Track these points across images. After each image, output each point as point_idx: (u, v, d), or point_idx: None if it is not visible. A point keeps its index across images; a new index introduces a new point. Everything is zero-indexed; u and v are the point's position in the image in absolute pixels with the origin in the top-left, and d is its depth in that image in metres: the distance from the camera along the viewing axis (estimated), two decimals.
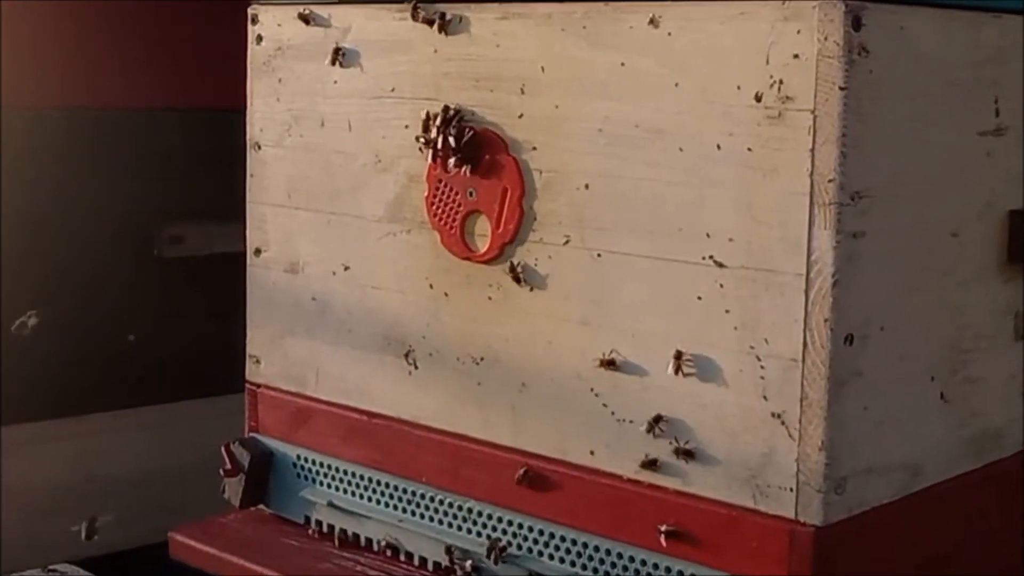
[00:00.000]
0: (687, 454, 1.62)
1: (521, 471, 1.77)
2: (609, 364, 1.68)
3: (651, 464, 1.65)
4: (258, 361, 2.14)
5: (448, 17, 1.82)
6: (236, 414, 2.20)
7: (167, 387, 2.79)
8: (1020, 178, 1.78)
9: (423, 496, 1.90)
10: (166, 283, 2.78)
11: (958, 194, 1.69)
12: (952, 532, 1.75)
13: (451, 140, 1.80)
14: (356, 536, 1.97)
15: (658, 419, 1.66)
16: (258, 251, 2.13)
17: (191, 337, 2.81)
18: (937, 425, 1.70)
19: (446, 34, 1.83)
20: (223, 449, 2.11)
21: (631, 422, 1.68)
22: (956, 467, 1.74)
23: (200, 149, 2.81)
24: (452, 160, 1.80)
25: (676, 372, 1.63)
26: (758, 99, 1.54)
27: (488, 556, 1.78)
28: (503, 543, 1.78)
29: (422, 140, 1.84)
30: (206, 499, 2.16)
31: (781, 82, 1.53)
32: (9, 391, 2.54)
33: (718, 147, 1.59)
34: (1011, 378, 1.83)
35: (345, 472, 2.01)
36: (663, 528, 1.64)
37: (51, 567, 2.10)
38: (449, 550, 1.84)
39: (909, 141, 1.59)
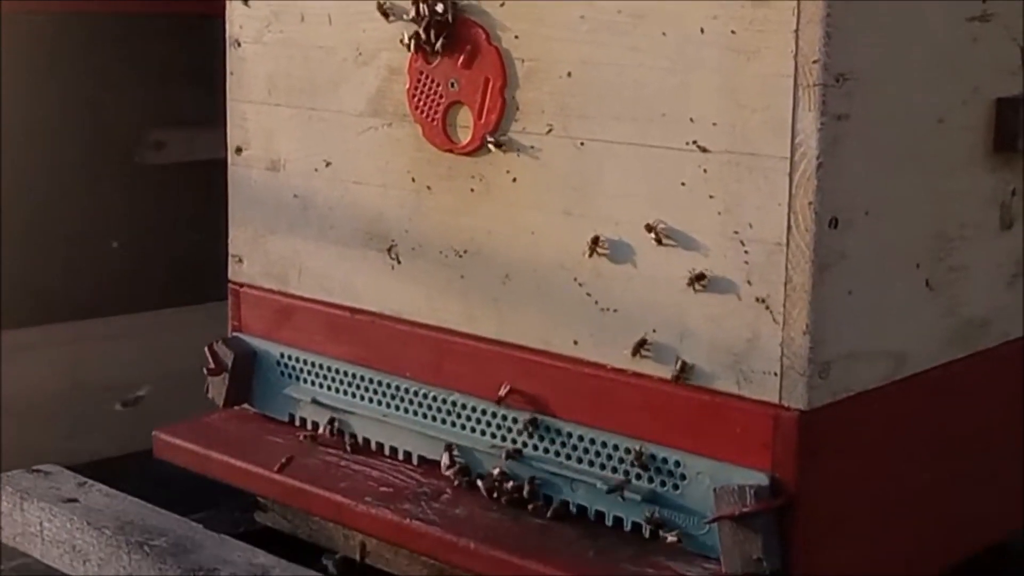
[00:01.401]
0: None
1: (505, 390, 1.77)
2: (594, 246, 1.66)
3: (641, 345, 1.64)
4: (240, 260, 2.13)
5: None
6: (223, 321, 2.18)
7: (153, 294, 2.77)
8: (1007, 66, 1.76)
9: (407, 391, 1.90)
10: (149, 190, 2.75)
11: (944, 79, 1.67)
12: (937, 421, 1.74)
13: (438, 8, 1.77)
14: (340, 432, 1.97)
15: (642, 343, 1.64)
16: (239, 149, 2.11)
17: (175, 244, 2.79)
18: (922, 313, 1.69)
19: None
20: (206, 349, 2.10)
21: (615, 311, 1.67)
22: (941, 355, 1.73)
23: (182, 55, 2.77)
24: (435, 42, 1.77)
25: (658, 243, 1.61)
26: None
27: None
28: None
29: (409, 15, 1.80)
30: (195, 406, 2.15)
31: None
32: None
33: (701, 30, 1.57)
34: (997, 268, 1.82)
35: (329, 369, 2.00)
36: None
37: (36, 467, 2.09)
38: (449, 447, 1.83)
39: (895, 24, 1.57)
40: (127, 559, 1.84)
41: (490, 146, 1.76)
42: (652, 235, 1.61)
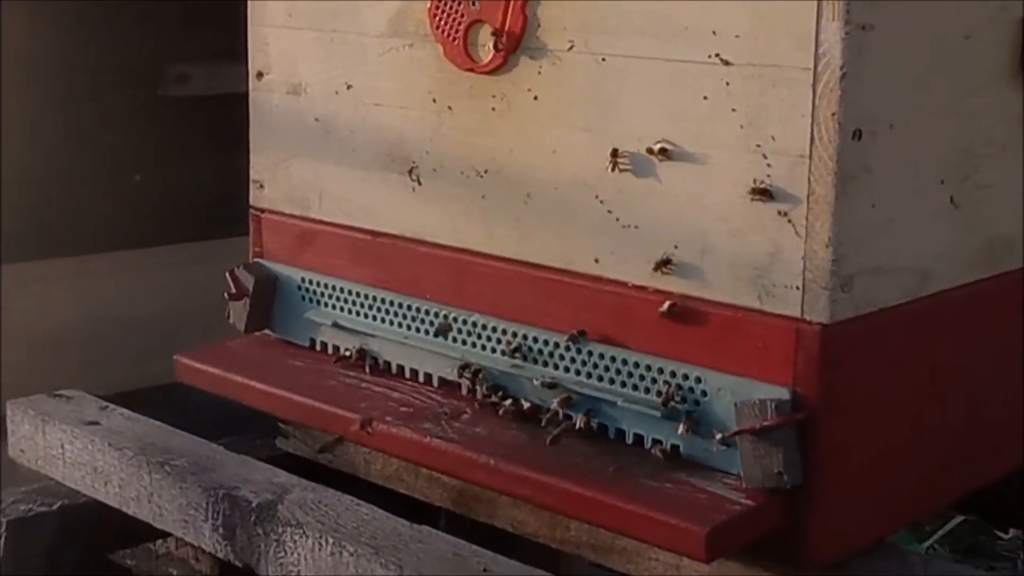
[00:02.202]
0: None
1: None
2: (614, 159, 1.65)
3: (664, 263, 1.63)
4: (262, 186, 2.12)
5: None
6: (246, 255, 2.18)
7: (174, 228, 2.77)
8: None
9: (428, 312, 1.89)
10: (172, 123, 2.74)
11: None
12: (961, 341, 1.73)
13: None
14: (361, 355, 1.96)
15: (666, 262, 1.63)
16: (260, 74, 2.10)
17: (198, 178, 2.78)
18: (947, 230, 1.68)
19: None
20: (227, 274, 2.10)
21: (636, 228, 1.67)
22: (966, 274, 1.72)
23: None
24: None
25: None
26: None
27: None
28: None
29: None
30: (217, 340, 2.15)
31: None
32: (14, 228, 2.52)
33: None
34: (1022, 188, 1.80)
35: (350, 292, 1.99)
36: (664, 307, 1.63)
37: (57, 392, 2.09)
38: (465, 367, 1.82)
39: None
40: (148, 479, 1.85)
41: (512, 63, 1.75)
42: (655, 156, 1.61)
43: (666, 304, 1.63)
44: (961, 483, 1.80)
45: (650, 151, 1.62)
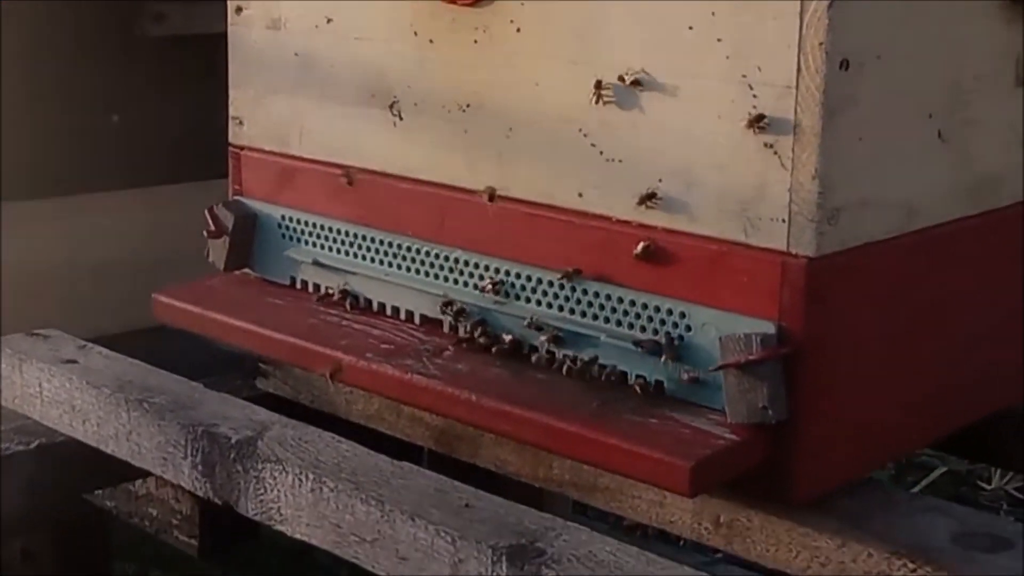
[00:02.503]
0: None
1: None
2: (598, 90, 1.63)
3: (649, 197, 1.61)
4: (241, 123, 2.10)
5: None
6: (223, 198, 2.15)
7: (154, 170, 2.74)
8: None
9: (409, 249, 1.87)
10: (149, 63, 2.71)
11: None
12: (947, 278, 1.71)
13: None
14: (343, 293, 1.94)
15: (651, 196, 1.61)
16: (239, 9, 2.07)
17: (177, 119, 2.75)
18: (934, 165, 1.66)
19: None
20: (206, 212, 2.07)
21: (620, 162, 1.64)
22: (953, 211, 1.70)
23: None
24: None
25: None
26: None
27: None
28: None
29: None
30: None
31: None
32: None
33: None
34: (1011, 125, 1.78)
35: (330, 229, 1.97)
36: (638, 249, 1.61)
37: (35, 331, 2.07)
38: (448, 304, 1.80)
39: None
40: (126, 416, 1.83)
41: None
42: (629, 87, 1.59)
43: (640, 245, 1.61)
44: (948, 421, 1.79)
45: (621, 79, 1.60)
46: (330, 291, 1.96)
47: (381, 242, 1.90)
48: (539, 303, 1.73)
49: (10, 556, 2.41)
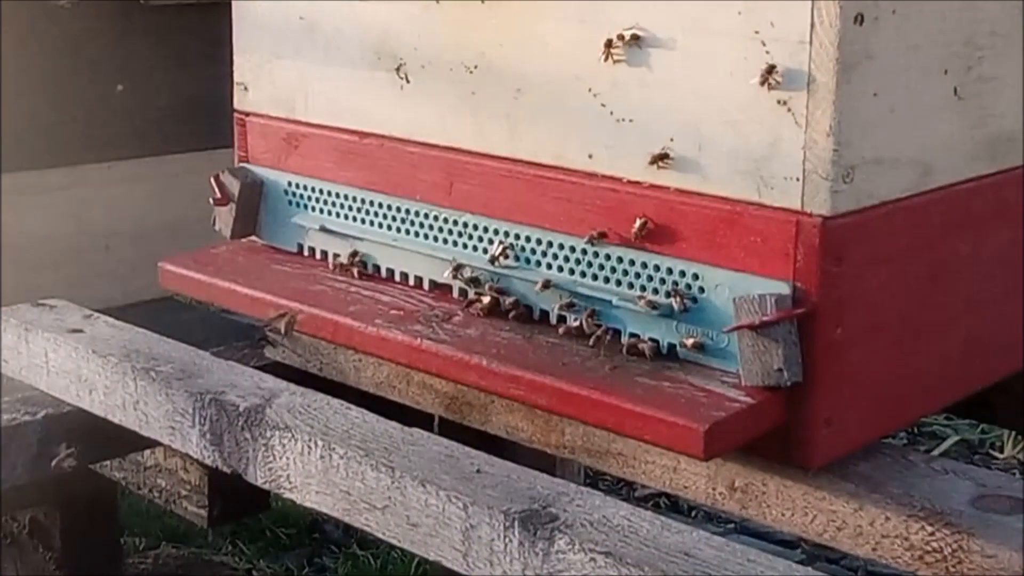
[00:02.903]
0: None
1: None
2: (608, 48, 1.60)
3: (661, 158, 1.58)
4: (246, 88, 2.07)
5: None
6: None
7: (159, 139, 2.71)
8: None
9: (417, 214, 1.85)
10: (154, 32, 2.68)
11: None
12: (963, 237, 1.69)
13: None
14: (350, 259, 1.92)
15: (663, 156, 1.59)
16: None
17: (183, 89, 2.72)
18: (950, 122, 1.63)
19: None
20: (212, 179, 2.05)
21: (631, 121, 1.62)
22: (969, 169, 1.68)
23: None
24: None
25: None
26: None
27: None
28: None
29: None
30: None
31: None
32: None
33: None
34: None
35: (337, 195, 1.95)
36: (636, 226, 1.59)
37: (41, 301, 2.05)
38: (459, 268, 1.78)
39: None
40: (133, 386, 1.81)
41: None
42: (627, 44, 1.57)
43: (638, 223, 1.59)
44: (963, 384, 1.77)
45: (620, 37, 1.57)
46: (338, 257, 1.93)
47: (389, 207, 1.88)
48: (550, 267, 1.71)
49: (18, 529, 2.40)
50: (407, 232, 1.86)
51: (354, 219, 1.93)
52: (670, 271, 1.59)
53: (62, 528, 2.41)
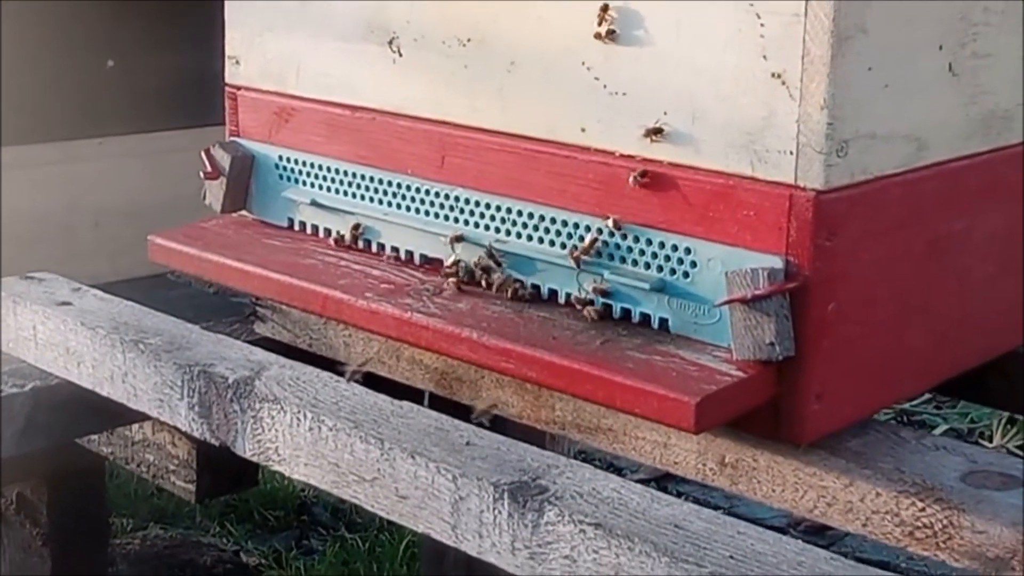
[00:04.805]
0: None
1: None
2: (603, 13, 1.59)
3: (655, 132, 1.57)
4: (237, 62, 2.06)
5: None
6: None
7: (150, 116, 2.70)
8: None
9: (409, 188, 1.84)
10: (145, 7, 2.67)
11: None
12: (957, 214, 1.68)
13: None
14: (341, 235, 1.91)
15: (657, 131, 1.58)
16: None
17: (175, 65, 2.71)
18: (945, 98, 1.62)
19: None
20: (202, 153, 2.04)
21: (624, 95, 1.61)
22: (964, 146, 1.67)
23: None
24: None
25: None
26: None
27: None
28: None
29: None
30: None
31: None
32: None
33: None
34: (1021, 60, 1.74)
35: (328, 169, 1.94)
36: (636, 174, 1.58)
37: (29, 274, 2.04)
38: (457, 240, 1.77)
39: None
40: (122, 358, 1.80)
41: None
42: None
43: (637, 171, 1.58)
44: (957, 361, 1.76)
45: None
46: (329, 231, 1.92)
47: (380, 181, 1.87)
48: (541, 240, 1.70)
49: (5, 504, 2.40)
50: (398, 206, 1.85)
51: (345, 193, 1.92)
52: (662, 245, 1.59)
53: (49, 503, 2.40)
